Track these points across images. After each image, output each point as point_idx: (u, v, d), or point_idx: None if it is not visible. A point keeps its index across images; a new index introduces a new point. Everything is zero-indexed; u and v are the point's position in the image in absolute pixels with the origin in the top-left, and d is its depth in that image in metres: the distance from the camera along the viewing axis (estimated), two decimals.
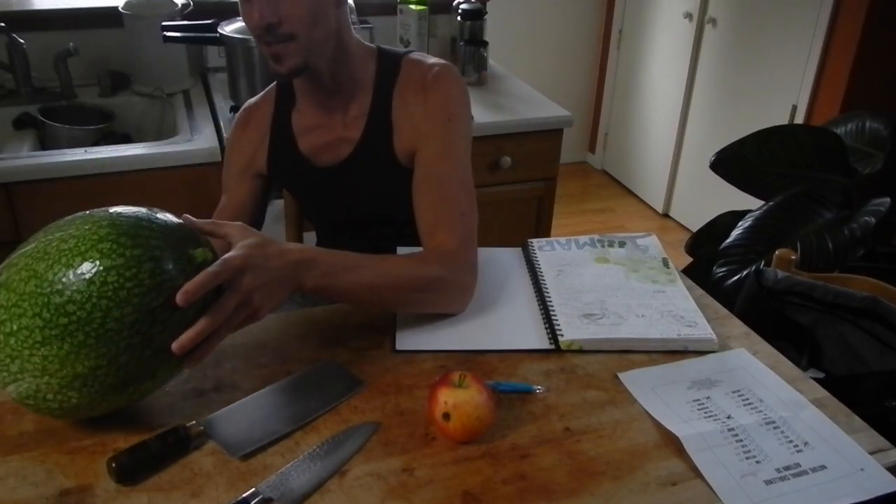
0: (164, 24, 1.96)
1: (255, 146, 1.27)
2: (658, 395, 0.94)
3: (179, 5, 2.14)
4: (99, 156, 1.74)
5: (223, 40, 1.90)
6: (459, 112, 1.17)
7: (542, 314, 1.09)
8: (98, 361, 0.77)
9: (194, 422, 0.86)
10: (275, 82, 1.29)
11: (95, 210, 0.84)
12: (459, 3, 2.34)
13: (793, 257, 1.39)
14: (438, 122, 1.15)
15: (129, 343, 0.78)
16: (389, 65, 1.20)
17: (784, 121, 2.83)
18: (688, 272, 1.31)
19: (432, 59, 1.21)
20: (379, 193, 1.24)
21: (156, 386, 0.85)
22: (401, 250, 1.22)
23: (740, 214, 1.99)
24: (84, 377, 0.78)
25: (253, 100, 1.30)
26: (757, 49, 2.96)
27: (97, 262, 0.76)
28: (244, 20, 1.08)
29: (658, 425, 0.89)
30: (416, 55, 1.22)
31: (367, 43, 1.22)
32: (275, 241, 0.94)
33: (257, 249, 0.88)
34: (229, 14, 2.00)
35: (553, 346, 1.03)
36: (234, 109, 1.97)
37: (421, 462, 0.84)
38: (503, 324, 1.08)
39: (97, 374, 0.78)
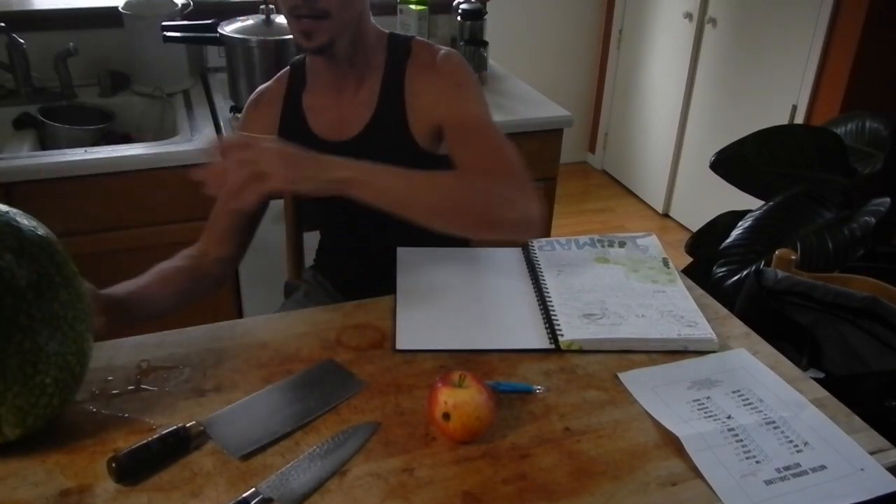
0: (164, 24, 1.97)
1: (266, 123, 1.30)
2: (658, 395, 0.94)
3: (179, 5, 2.14)
4: (99, 156, 1.74)
5: (223, 40, 1.90)
6: (469, 81, 1.21)
7: (542, 314, 1.09)
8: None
9: (194, 422, 0.86)
10: (287, 67, 1.32)
11: None
12: (459, 3, 2.34)
13: (793, 257, 1.39)
14: (449, 87, 1.19)
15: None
16: (400, 47, 1.24)
17: (784, 121, 2.83)
18: (688, 272, 1.31)
19: (438, 45, 1.25)
20: None
21: (76, 326, 0.84)
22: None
23: (740, 214, 1.99)
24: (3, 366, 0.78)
25: (265, 84, 1.33)
26: (757, 49, 2.96)
27: None
28: None
29: (658, 425, 0.89)
30: (424, 39, 1.27)
31: (381, 28, 1.26)
32: None
33: None
34: (229, 14, 2.00)
35: (553, 346, 1.03)
36: (234, 109, 1.98)
37: (421, 462, 0.84)
38: (503, 324, 1.08)
39: (9, 355, 0.78)
